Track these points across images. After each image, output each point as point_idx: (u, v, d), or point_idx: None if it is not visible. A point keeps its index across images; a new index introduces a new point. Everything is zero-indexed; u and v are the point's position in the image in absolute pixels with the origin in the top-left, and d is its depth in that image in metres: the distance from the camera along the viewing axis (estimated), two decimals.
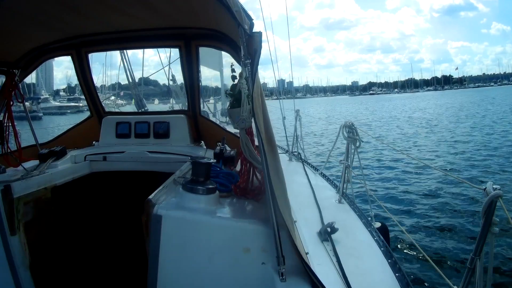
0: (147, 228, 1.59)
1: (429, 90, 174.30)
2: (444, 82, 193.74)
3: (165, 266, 1.51)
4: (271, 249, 1.32)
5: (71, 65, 3.63)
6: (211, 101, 9.61)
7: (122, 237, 3.03)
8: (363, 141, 3.09)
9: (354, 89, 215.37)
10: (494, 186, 1.44)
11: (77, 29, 2.99)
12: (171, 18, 2.84)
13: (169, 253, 1.51)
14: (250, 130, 1.75)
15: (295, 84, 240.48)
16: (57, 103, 48.26)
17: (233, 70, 1.88)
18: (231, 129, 3.80)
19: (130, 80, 7.88)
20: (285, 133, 4.78)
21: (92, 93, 3.71)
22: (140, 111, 6.73)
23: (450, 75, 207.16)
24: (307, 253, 1.46)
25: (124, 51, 7.62)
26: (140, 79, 9.07)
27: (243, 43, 1.43)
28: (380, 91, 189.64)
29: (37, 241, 2.39)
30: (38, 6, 2.23)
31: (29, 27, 2.59)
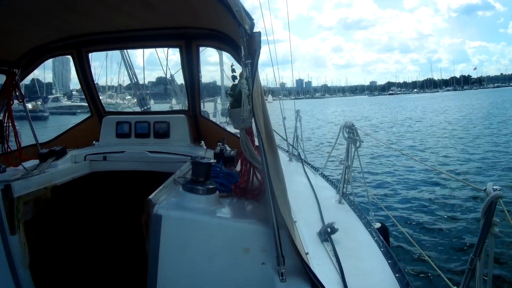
0: (147, 228, 1.58)
1: (448, 90, 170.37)
2: (463, 82, 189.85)
3: (165, 266, 1.50)
4: (271, 249, 1.32)
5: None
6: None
7: (122, 237, 3.03)
8: (363, 142, 3.09)
9: (373, 89, 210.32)
10: (494, 187, 1.44)
11: (77, 29, 2.99)
12: (171, 18, 2.84)
13: (169, 253, 1.51)
14: (250, 130, 1.75)
15: (314, 83, 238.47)
16: (68, 103, 47.30)
17: (233, 70, 1.88)
18: (231, 129, 3.80)
19: (133, 79, 7.92)
20: (285, 133, 4.79)
21: (93, 92, 3.71)
22: (141, 110, 6.73)
23: (469, 75, 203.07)
24: (307, 253, 1.46)
25: (125, 51, 7.64)
26: (162, 77, 9.03)
27: (244, 43, 1.43)
28: (400, 91, 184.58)
29: (37, 241, 2.39)
30: (39, 6, 2.23)
31: (29, 27, 2.59)
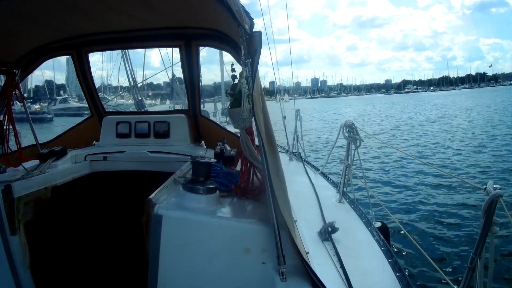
0: (147, 228, 1.59)
1: (464, 87, 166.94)
2: (479, 80, 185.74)
3: (165, 266, 1.51)
4: (271, 249, 1.32)
5: (101, 65, 3.64)
6: None
7: (122, 237, 3.03)
8: (363, 141, 3.10)
9: (389, 88, 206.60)
10: (494, 186, 1.44)
11: (77, 29, 2.99)
12: (171, 18, 2.84)
13: (169, 253, 1.51)
14: (251, 129, 1.75)
15: (329, 82, 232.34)
16: (77, 104, 45.90)
17: (233, 70, 1.88)
18: (231, 128, 3.80)
19: (131, 81, 7.90)
20: (286, 133, 4.79)
21: (92, 93, 3.72)
22: (140, 111, 6.73)
23: (484, 72, 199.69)
24: (307, 253, 1.46)
25: (125, 51, 7.63)
26: (175, 77, 8.92)
27: (244, 43, 1.44)
28: (416, 89, 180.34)
29: (37, 241, 2.39)
30: (39, 6, 2.23)
31: (29, 27, 2.59)
